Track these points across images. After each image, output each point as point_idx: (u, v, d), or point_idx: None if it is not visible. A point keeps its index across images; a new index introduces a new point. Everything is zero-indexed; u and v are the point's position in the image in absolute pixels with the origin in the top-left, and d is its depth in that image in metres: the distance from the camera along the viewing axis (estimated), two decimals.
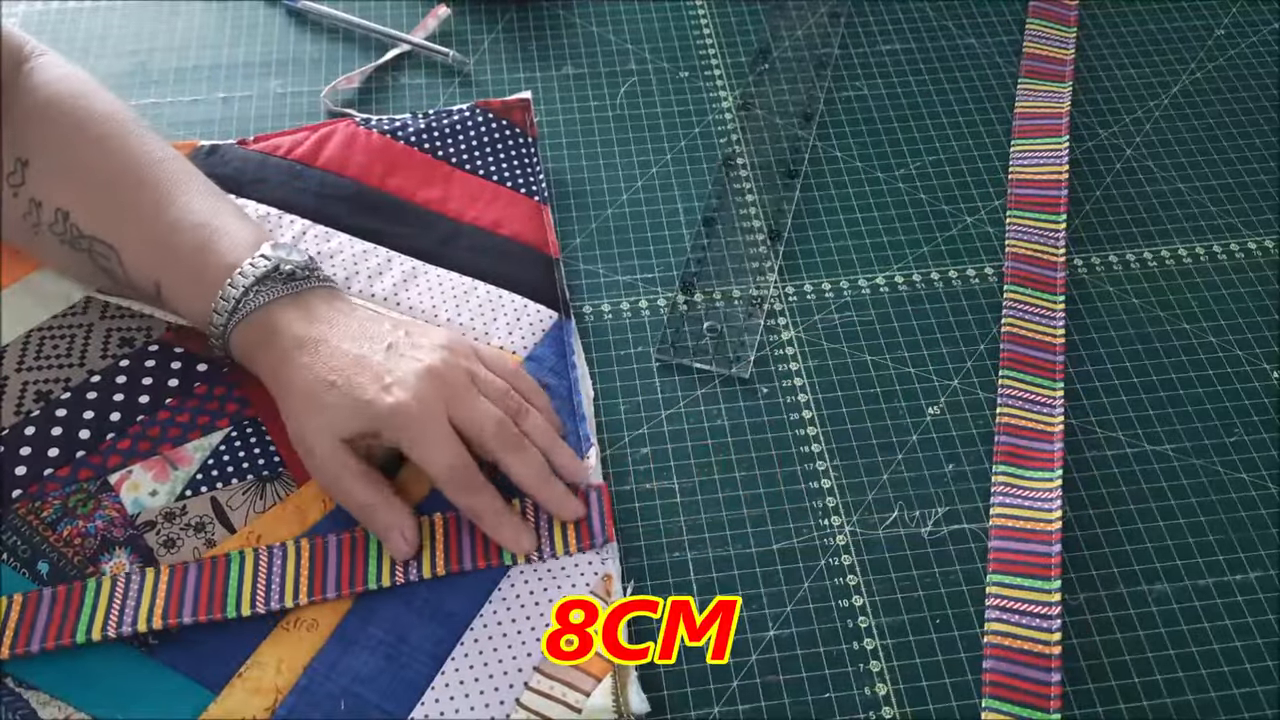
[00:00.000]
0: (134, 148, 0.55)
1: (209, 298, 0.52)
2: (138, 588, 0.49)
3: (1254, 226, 0.67)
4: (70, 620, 0.48)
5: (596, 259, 0.64)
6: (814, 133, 0.70)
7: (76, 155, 0.54)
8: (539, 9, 0.77)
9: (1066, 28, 0.76)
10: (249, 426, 0.55)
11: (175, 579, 0.49)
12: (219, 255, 0.52)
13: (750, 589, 0.52)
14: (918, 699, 0.49)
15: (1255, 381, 0.60)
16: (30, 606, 0.48)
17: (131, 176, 0.54)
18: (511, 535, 0.51)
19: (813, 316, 0.62)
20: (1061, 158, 0.68)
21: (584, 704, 0.47)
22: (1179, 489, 0.56)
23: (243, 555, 0.50)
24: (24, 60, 0.57)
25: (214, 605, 0.49)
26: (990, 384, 0.59)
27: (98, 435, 0.54)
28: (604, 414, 0.57)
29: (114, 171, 0.54)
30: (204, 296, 0.52)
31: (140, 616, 0.48)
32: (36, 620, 0.48)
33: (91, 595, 0.49)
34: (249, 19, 0.76)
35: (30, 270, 0.59)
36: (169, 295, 0.54)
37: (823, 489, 0.55)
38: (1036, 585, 0.51)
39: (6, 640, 0.47)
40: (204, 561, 0.50)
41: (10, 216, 0.55)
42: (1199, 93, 0.74)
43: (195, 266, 0.53)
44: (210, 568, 0.50)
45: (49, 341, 0.57)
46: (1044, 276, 0.63)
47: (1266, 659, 0.50)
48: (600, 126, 0.70)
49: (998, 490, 0.55)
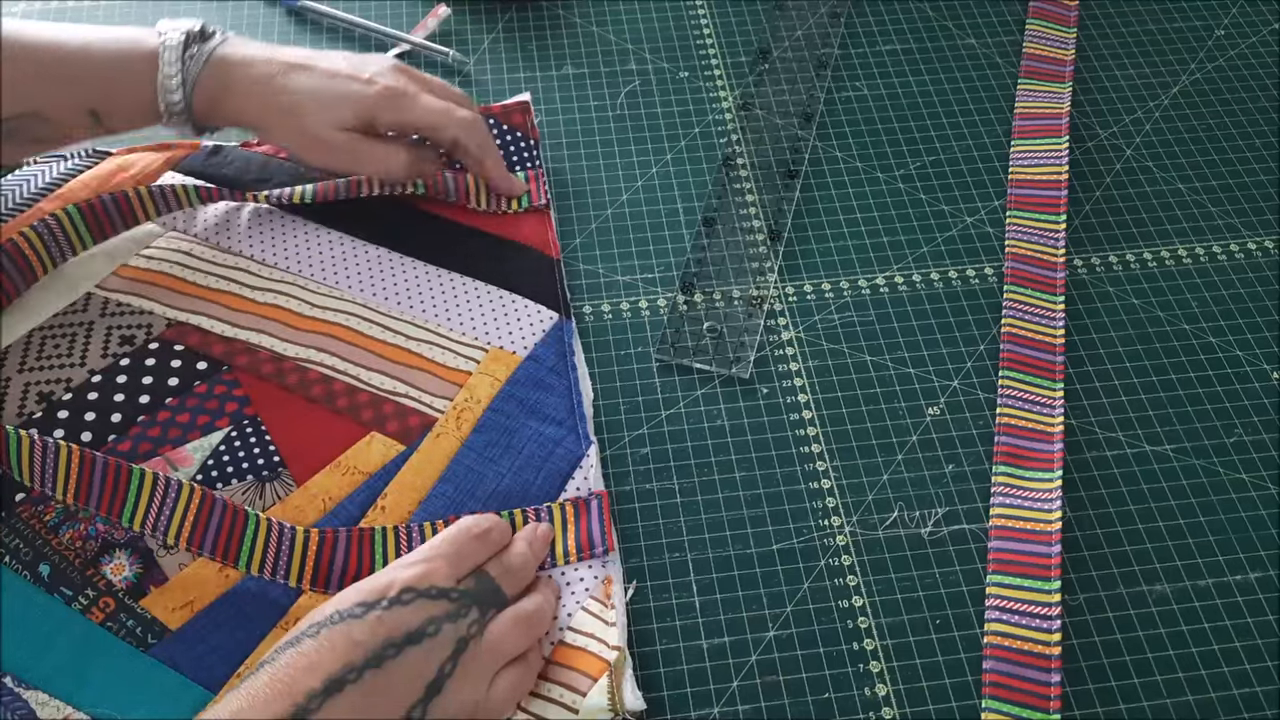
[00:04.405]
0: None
1: (148, 86, 0.57)
2: (174, 498, 0.50)
3: (1254, 227, 0.67)
4: (119, 499, 0.50)
5: (596, 259, 0.64)
6: (814, 133, 0.70)
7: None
8: (539, 9, 0.77)
9: (1066, 28, 0.76)
10: (249, 426, 0.55)
11: (204, 508, 0.51)
12: (133, 54, 0.57)
13: (750, 589, 0.52)
14: (917, 699, 0.49)
15: (1255, 382, 0.60)
16: (87, 465, 0.50)
17: (12, 50, 0.56)
18: (497, 167, 0.64)
19: (813, 316, 0.62)
20: (1061, 158, 0.68)
21: (580, 704, 0.47)
22: (1179, 489, 0.56)
23: (258, 519, 0.51)
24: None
25: (230, 550, 0.50)
26: (990, 384, 0.59)
27: (99, 437, 0.54)
28: (604, 414, 0.57)
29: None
30: (143, 89, 0.57)
31: (171, 529, 0.50)
32: (93, 481, 0.50)
33: (136, 481, 0.50)
34: (249, 19, 0.76)
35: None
36: (109, 114, 0.58)
37: (823, 489, 0.55)
38: (1036, 586, 0.51)
39: (70, 487, 0.50)
40: (228, 503, 0.51)
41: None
42: (1199, 93, 0.74)
43: (119, 76, 0.57)
44: (231, 514, 0.51)
45: (50, 341, 0.57)
46: (1044, 277, 0.63)
47: (1266, 659, 0.50)
48: (600, 126, 0.70)
49: (998, 491, 0.55)
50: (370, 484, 0.54)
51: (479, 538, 0.49)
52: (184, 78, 0.57)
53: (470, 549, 0.48)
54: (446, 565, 0.47)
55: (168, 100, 0.58)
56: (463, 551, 0.48)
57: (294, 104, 0.59)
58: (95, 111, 0.58)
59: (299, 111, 0.59)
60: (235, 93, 0.59)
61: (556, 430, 0.56)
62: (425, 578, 0.45)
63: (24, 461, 0.50)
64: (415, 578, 0.45)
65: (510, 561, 0.49)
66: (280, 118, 0.59)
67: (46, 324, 0.58)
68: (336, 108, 0.59)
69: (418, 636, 0.43)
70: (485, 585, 0.47)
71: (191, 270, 0.61)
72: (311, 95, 0.59)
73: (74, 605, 0.49)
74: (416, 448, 0.55)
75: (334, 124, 0.59)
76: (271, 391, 0.56)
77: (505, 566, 0.49)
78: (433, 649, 0.44)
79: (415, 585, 0.45)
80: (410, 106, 0.60)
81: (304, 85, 0.59)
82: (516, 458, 0.55)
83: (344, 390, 0.56)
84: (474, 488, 0.54)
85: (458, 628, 0.45)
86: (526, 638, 0.47)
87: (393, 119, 0.60)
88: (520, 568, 0.49)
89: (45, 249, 0.58)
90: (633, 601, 0.51)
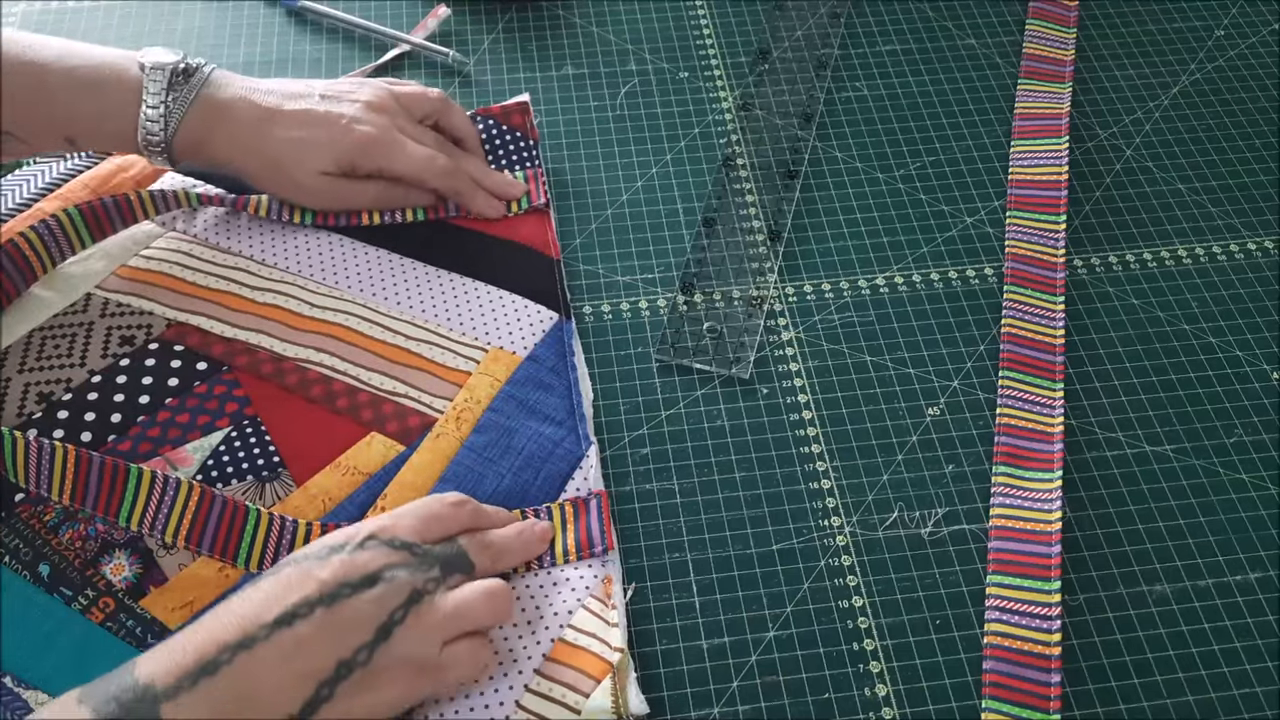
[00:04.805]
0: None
1: (127, 123, 0.58)
2: (172, 496, 0.50)
3: (1254, 227, 0.67)
4: (116, 498, 0.50)
5: (596, 259, 0.64)
6: (814, 133, 0.70)
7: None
8: (539, 9, 0.77)
9: (1066, 28, 0.76)
10: (249, 426, 0.55)
11: (203, 505, 0.50)
12: (115, 83, 0.57)
13: (750, 589, 0.52)
14: (917, 700, 0.49)
15: (1255, 382, 0.60)
16: (83, 466, 0.50)
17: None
18: (485, 203, 0.63)
19: (813, 317, 0.62)
20: (1061, 158, 0.68)
21: (583, 705, 0.47)
22: (1179, 489, 0.56)
23: (259, 514, 0.51)
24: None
25: (230, 547, 0.50)
26: (990, 384, 0.59)
27: (99, 438, 0.54)
28: (604, 414, 0.57)
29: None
30: (122, 120, 0.58)
31: (169, 527, 0.50)
32: (89, 482, 0.50)
33: (134, 481, 0.50)
34: (249, 19, 0.76)
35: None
36: (85, 139, 0.59)
37: (823, 489, 0.55)
38: (1036, 586, 0.51)
39: (66, 488, 0.50)
40: (227, 499, 0.51)
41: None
42: (1199, 93, 0.74)
43: (99, 105, 0.57)
44: (231, 510, 0.51)
45: (50, 341, 0.57)
46: (1044, 277, 0.63)
47: (1266, 659, 0.50)
48: (600, 126, 0.70)
49: (997, 491, 0.55)
50: (370, 484, 0.54)
51: (453, 505, 0.50)
52: (167, 117, 0.58)
53: (442, 513, 0.49)
54: (414, 522, 0.48)
55: (147, 135, 0.58)
56: (435, 515, 0.49)
57: (275, 154, 0.59)
58: (71, 138, 0.58)
59: (280, 162, 0.60)
60: (218, 138, 0.59)
61: (556, 430, 0.56)
62: (390, 529, 0.47)
63: (19, 464, 0.50)
64: (380, 527, 0.47)
65: (489, 538, 0.50)
66: (262, 166, 0.60)
67: (46, 324, 0.58)
68: (316, 157, 0.60)
69: (373, 580, 0.45)
70: (452, 548, 0.48)
71: (191, 270, 0.61)
72: (291, 145, 0.59)
73: (74, 605, 0.49)
74: (416, 448, 0.55)
75: (315, 171, 0.60)
76: (271, 392, 0.56)
77: (481, 541, 0.49)
78: (386, 594, 0.45)
79: (379, 534, 0.47)
80: (389, 154, 0.60)
81: (283, 135, 0.59)
82: (516, 458, 0.55)
83: (344, 390, 0.56)
84: (474, 488, 0.54)
85: (414, 579, 0.46)
86: (492, 613, 0.47)
87: (373, 166, 0.61)
88: (500, 546, 0.50)
89: (45, 249, 0.58)
90: (633, 601, 0.51)
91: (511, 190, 0.65)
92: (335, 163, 0.60)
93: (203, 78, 0.59)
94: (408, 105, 0.63)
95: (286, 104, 0.60)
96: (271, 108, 0.59)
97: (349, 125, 0.60)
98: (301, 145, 0.59)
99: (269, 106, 0.59)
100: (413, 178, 0.62)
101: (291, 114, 0.59)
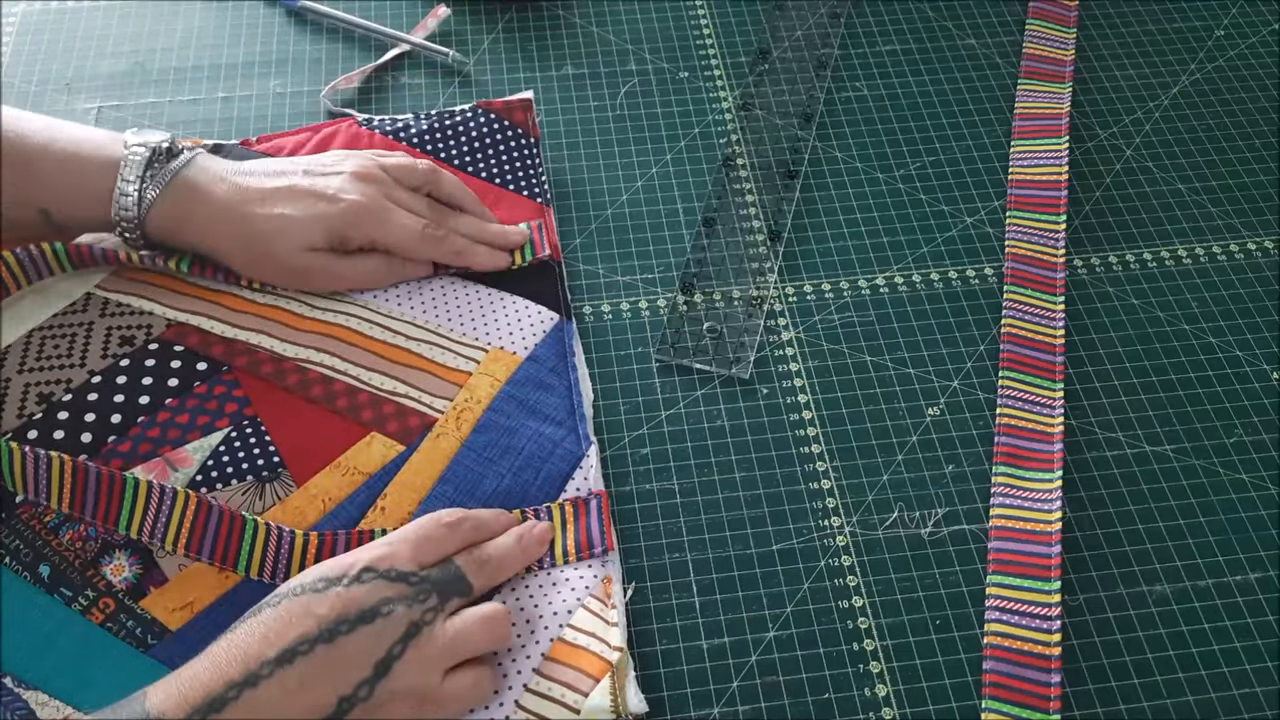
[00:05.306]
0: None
1: (102, 199, 0.56)
2: (169, 506, 0.50)
3: (1254, 227, 0.67)
4: (114, 508, 0.50)
5: (596, 259, 0.64)
6: (814, 133, 0.70)
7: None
8: (539, 9, 0.77)
9: (1066, 28, 0.76)
10: (249, 426, 0.55)
11: (200, 515, 0.50)
12: (93, 161, 0.56)
13: (750, 589, 0.52)
14: (917, 700, 0.49)
15: (1255, 382, 0.60)
16: (80, 476, 0.50)
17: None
18: (488, 256, 0.61)
19: (813, 317, 0.62)
20: (1061, 158, 0.68)
21: (582, 704, 0.47)
22: (1179, 489, 0.56)
23: (256, 524, 0.51)
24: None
25: (229, 555, 0.50)
26: (990, 384, 0.59)
27: (99, 438, 0.54)
28: (604, 414, 0.57)
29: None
30: (96, 200, 0.56)
31: (168, 536, 0.50)
32: (87, 492, 0.50)
33: (130, 490, 0.50)
34: (249, 19, 0.76)
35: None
36: (60, 215, 0.57)
37: (823, 489, 0.55)
38: (1036, 586, 0.51)
39: (65, 498, 0.50)
40: (224, 509, 0.51)
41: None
42: (1199, 93, 0.74)
43: (75, 181, 0.56)
44: (229, 520, 0.50)
45: (50, 341, 0.57)
46: (1044, 277, 0.63)
47: (1266, 659, 0.50)
48: (600, 126, 0.70)
49: (997, 491, 0.55)
50: (370, 484, 0.54)
51: (449, 525, 0.50)
52: (140, 197, 0.56)
53: (437, 535, 0.49)
54: (410, 549, 0.48)
55: (120, 211, 0.56)
56: (430, 537, 0.49)
57: (259, 233, 0.57)
58: (46, 211, 0.56)
59: (266, 240, 0.57)
60: (196, 221, 0.57)
61: (556, 430, 0.56)
62: (386, 559, 0.47)
63: (16, 474, 0.50)
64: (376, 559, 0.46)
65: (485, 553, 0.50)
66: (245, 247, 0.57)
67: (46, 324, 0.58)
68: (304, 232, 0.57)
69: (370, 615, 0.44)
70: (449, 572, 0.48)
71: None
72: (276, 222, 0.57)
73: (74, 606, 0.49)
74: (416, 448, 0.55)
75: (303, 248, 0.57)
76: (271, 392, 0.56)
77: (479, 558, 0.49)
78: (384, 629, 0.44)
79: (375, 566, 0.46)
80: (380, 225, 0.58)
81: (267, 213, 0.57)
82: (516, 458, 0.55)
83: (344, 390, 0.56)
84: (474, 488, 0.54)
85: (411, 612, 0.45)
86: (490, 639, 0.47)
87: (364, 237, 0.58)
88: (498, 561, 0.50)
89: (23, 271, 0.57)
90: (633, 601, 0.51)
91: (512, 239, 0.62)
92: (324, 236, 0.57)
93: (185, 160, 0.57)
94: (397, 176, 0.60)
95: (269, 182, 0.57)
96: (253, 187, 0.57)
97: (336, 195, 0.57)
98: (286, 222, 0.56)
99: (250, 186, 0.57)
100: (406, 249, 0.59)
101: (275, 191, 0.57)
